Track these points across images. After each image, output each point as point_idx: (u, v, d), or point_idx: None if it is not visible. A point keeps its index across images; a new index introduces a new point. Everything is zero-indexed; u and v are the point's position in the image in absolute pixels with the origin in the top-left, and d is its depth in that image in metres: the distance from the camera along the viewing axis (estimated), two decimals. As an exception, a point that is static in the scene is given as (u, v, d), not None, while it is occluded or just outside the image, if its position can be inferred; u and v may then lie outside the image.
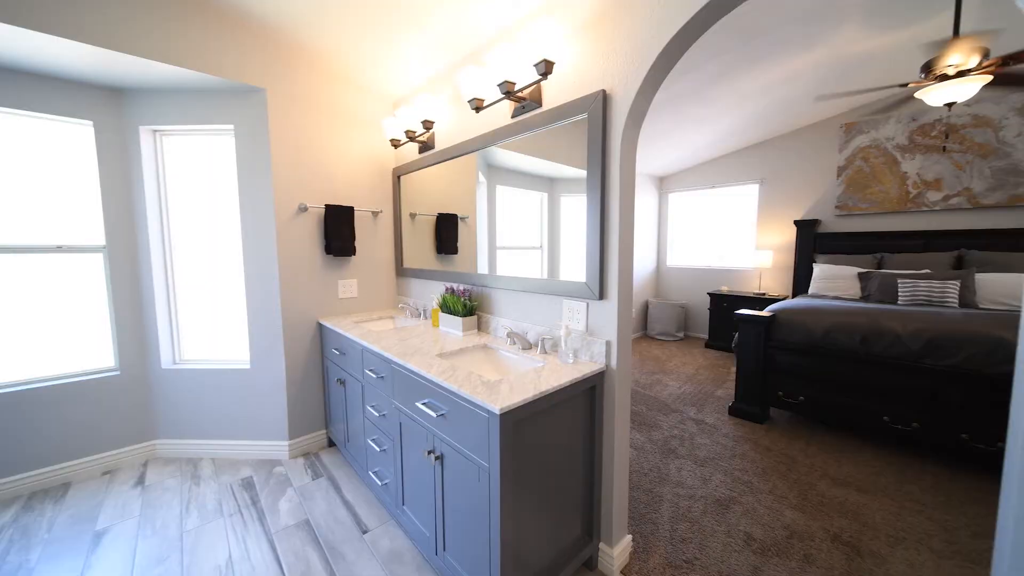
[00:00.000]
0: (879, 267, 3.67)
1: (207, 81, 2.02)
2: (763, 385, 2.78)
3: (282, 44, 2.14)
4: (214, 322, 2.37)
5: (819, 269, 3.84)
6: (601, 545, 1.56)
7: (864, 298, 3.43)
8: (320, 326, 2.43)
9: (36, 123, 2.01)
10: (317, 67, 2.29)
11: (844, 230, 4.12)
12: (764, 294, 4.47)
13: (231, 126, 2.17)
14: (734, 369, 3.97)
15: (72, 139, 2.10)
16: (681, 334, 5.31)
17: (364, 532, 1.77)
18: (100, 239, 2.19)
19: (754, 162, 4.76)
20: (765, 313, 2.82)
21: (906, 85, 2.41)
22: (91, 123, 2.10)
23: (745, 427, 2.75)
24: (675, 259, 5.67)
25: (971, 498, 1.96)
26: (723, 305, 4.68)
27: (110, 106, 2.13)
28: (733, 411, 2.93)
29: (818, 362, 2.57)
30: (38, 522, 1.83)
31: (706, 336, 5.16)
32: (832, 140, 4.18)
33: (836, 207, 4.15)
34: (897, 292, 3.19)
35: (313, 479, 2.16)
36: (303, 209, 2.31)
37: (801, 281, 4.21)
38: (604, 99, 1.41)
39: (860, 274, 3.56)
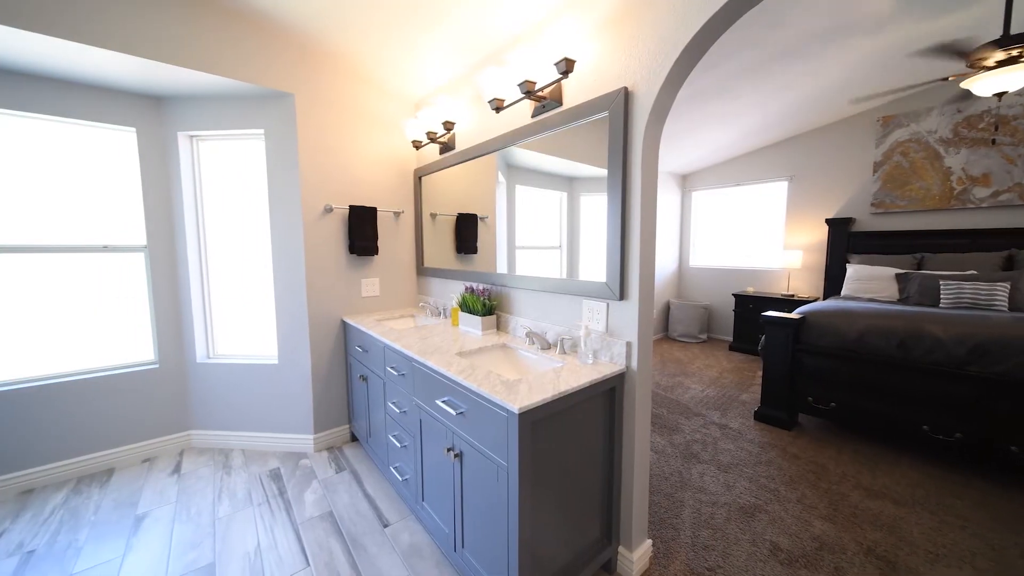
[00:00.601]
0: (919, 268, 3.47)
1: (240, 88, 2.11)
2: (791, 390, 2.68)
3: (309, 50, 2.21)
4: (245, 318, 2.48)
5: (853, 270, 3.67)
6: (620, 549, 1.54)
7: (902, 300, 3.26)
8: (344, 324, 2.50)
9: (85, 131, 2.15)
10: (342, 71, 2.35)
11: (880, 229, 3.93)
12: (793, 295, 4.31)
13: (261, 130, 2.26)
14: (760, 373, 3.84)
15: (116, 145, 2.23)
16: (704, 336, 5.18)
17: (385, 526, 1.80)
18: (142, 239, 2.32)
19: (783, 158, 4.59)
20: (794, 315, 2.72)
21: (947, 80, 2.27)
22: (134, 130, 2.23)
23: (772, 433, 2.66)
24: (698, 259, 5.54)
25: (1021, 515, 1.84)
26: (749, 307, 4.54)
27: (151, 113, 2.25)
28: (759, 416, 2.84)
29: (851, 367, 2.46)
30: (86, 505, 1.96)
31: (730, 338, 5.01)
32: (868, 134, 3.99)
33: (872, 205, 3.95)
34: (939, 294, 3.02)
35: (337, 472, 2.22)
36: (328, 210, 2.37)
37: (833, 282, 4.03)
38: (626, 96, 1.39)
39: (898, 275, 3.38)
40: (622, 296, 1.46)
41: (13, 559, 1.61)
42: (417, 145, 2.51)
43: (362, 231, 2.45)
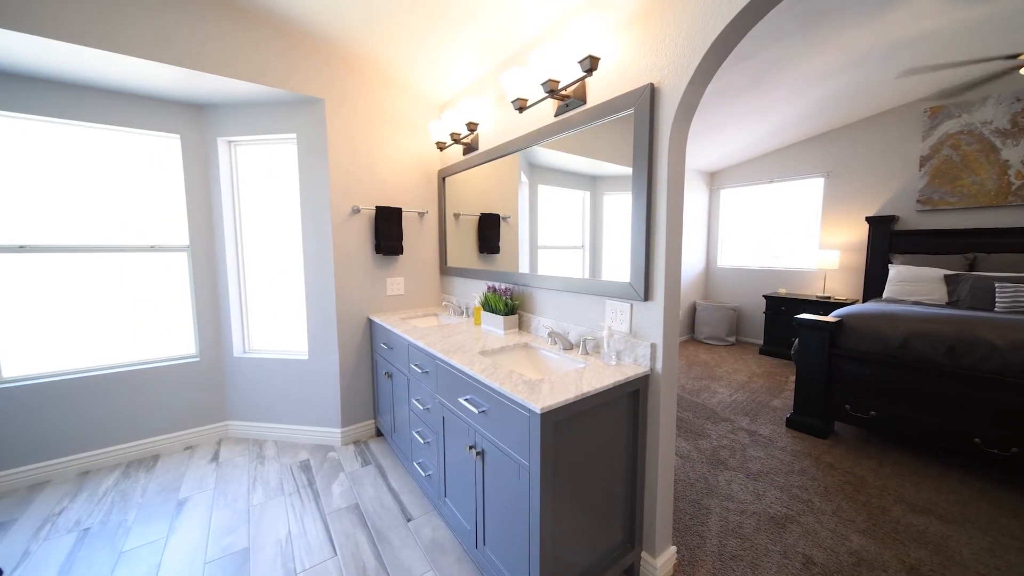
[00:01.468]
0: (971, 269, 3.24)
1: (274, 94, 2.20)
2: (827, 397, 2.56)
3: (339, 56, 2.28)
4: (278, 315, 2.58)
5: (896, 271, 3.46)
6: (643, 554, 1.51)
7: (952, 304, 3.05)
8: (370, 321, 2.57)
9: (135, 138, 2.30)
10: (369, 76, 2.41)
11: (927, 227, 3.68)
12: (829, 298, 4.10)
13: (294, 134, 2.35)
14: (793, 378, 3.68)
15: (162, 151, 2.37)
16: (732, 339, 5.01)
17: (408, 520, 1.84)
18: (185, 240, 2.45)
19: (819, 153, 4.38)
20: (830, 318, 2.59)
21: (1016, 56, 2.08)
22: (178, 136, 2.37)
23: (805, 441, 2.54)
24: (726, 259, 5.36)
25: (1089, 539, 1.68)
26: (780, 309, 4.36)
27: (193, 121, 2.39)
28: (791, 423, 2.72)
29: (894, 374, 2.32)
30: (134, 488, 2.09)
31: (760, 341, 4.83)
32: (913, 127, 3.75)
33: (918, 201, 3.71)
34: (994, 297, 2.80)
35: (362, 466, 2.29)
36: (355, 211, 2.44)
37: (874, 284, 3.81)
38: (652, 93, 1.36)
39: (947, 276, 3.16)
40: (647, 297, 1.44)
41: (72, 535, 1.75)
42: (441, 146, 2.54)
43: (388, 231, 2.51)
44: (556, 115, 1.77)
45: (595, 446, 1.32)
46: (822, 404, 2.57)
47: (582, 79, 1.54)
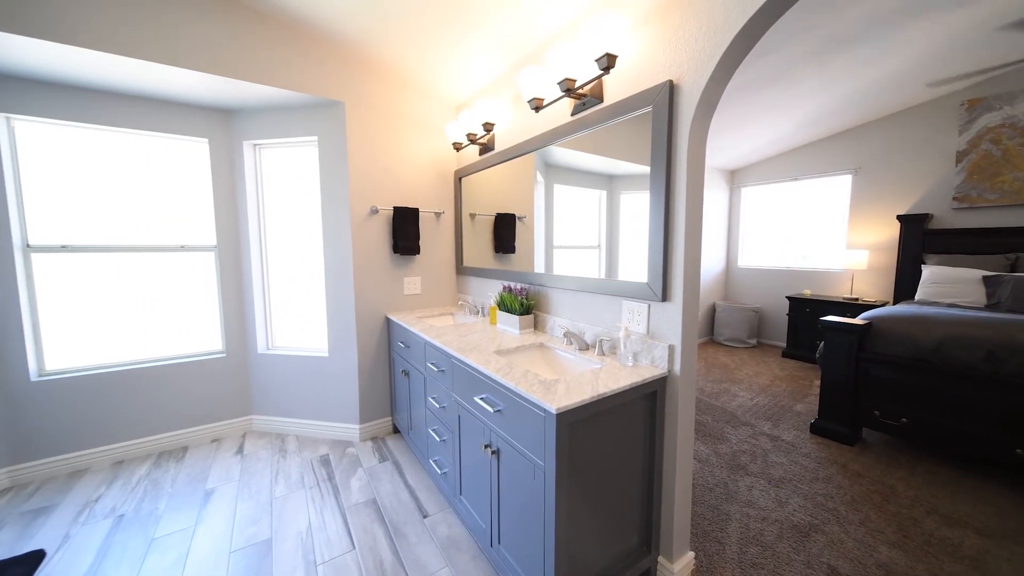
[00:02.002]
0: (1013, 269, 3.06)
1: (297, 98, 2.26)
2: (854, 402, 2.47)
3: (359, 59, 2.33)
4: (299, 313, 2.65)
5: (930, 271, 3.30)
6: (660, 559, 1.49)
7: (991, 306, 2.89)
8: (387, 320, 2.61)
9: (166, 142, 2.40)
10: (387, 78, 2.45)
11: (964, 226, 3.50)
12: (857, 299, 3.95)
13: (315, 137, 2.41)
14: (818, 382, 3.56)
15: (191, 154, 2.47)
16: (753, 341, 4.88)
17: (424, 516, 1.87)
18: (212, 240, 2.55)
19: (847, 150, 4.22)
20: (859, 321, 2.49)
21: None
22: (207, 140, 2.46)
23: (831, 448, 2.46)
24: (747, 259, 5.22)
25: None
26: (805, 310, 4.22)
27: (221, 125, 2.47)
28: (816, 429, 2.63)
29: (927, 380, 2.22)
30: (164, 477, 2.19)
31: (783, 344, 4.69)
32: (949, 120, 3.57)
33: (954, 199, 3.54)
34: (1039, 300, 2.64)
35: (380, 462, 2.33)
36: (374, 211, 2.49)
37: (905, 285, 3.65)
38: (671, 90, 1.34)
39: (986, 278, 3.00)
40: (664, 297, 1.42)
41: (108, 520, 1.84)
42: (457, 147, 2.56)
43: (405, 231, 2.54)
44: (572, 114, 1.76)
45: (611, 448, 1.31)
46: (849, 410, 2.48)
47: (599, 77, 1.53)
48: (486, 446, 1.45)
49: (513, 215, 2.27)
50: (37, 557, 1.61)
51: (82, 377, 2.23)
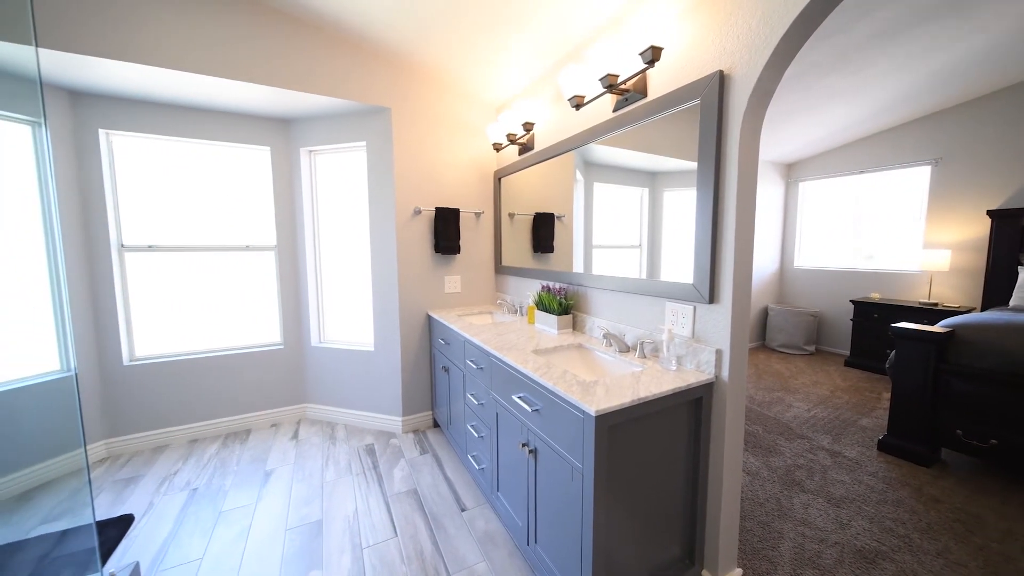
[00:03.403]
0: None
1: (348, 106, 2.40)
2: (932, 419, 2.22)
3: (403, 66, 2.42)
4: (348, 309, 2.81)
5: (1030, 274, 2.89)
6: (704, 573, 1.42)
7: (1112, 315, 2.47)
8: (429, 317, 2.69)
9: (233, 150, 2.63)
10: (430, 83, 2.53)
11: (1077, 221, 3.03)
12: (936, 304, 3.54)
13: (363, 142, 2.54)
14: (887, 395, 3.24)
15: (254, 161, 2.68)
16: (811, 348, 4.52)
17: (463, 510, 1.91)
18: (272, 240, 2.76)
19: (924, 138, 3.79)
20: (939, 328, 2.24)
21: None
22: (268, 148, 2.67)
23: (902, 468, 2.23)
24: (805, 259, 4.85)
25: None
26: (872, 316, 3.85)
27: (281, 133, 2.67)
28: (884, 446, 2.40)
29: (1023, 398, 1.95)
30: (231, 457, 2.40)
31: (847, 352, 4.31)
32: (1059, 100, 3.10)
33: (1064, 190, 3.07)
34: None
35: (421, 454, 2.41)
36: (417, 212, 2.58)
37: (997, 289, 3.23)
38: (721, 81, 1.28)
39: (1105, 281, 2.58)
40: (712, 299, 1.35)
41: (184, 493, 2.05)
42: (497, 147, 2.59)
43: (446, 231, 2.61)
44: (614, 110, 1.72)
45: (652, 454, 1.27)
46: (926, 427, 2.23)
47: (643, 71, 1.49)
48: (523, 445, 1.46)
49: (552, 214, 2.26)
50: (127, 520, 1.83)
51: (164, 363, 2.51)
